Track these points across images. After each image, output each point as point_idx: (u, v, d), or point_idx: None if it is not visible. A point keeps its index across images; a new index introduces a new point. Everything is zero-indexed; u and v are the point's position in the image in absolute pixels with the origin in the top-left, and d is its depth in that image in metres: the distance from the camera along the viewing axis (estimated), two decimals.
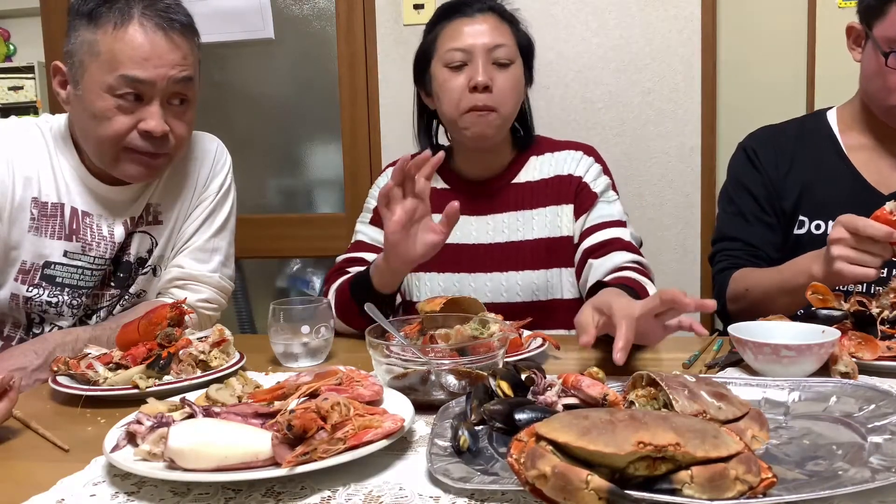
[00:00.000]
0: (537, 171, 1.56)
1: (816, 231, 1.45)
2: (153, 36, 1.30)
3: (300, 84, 2.54)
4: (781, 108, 2.06)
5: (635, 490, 0.63)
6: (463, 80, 1.46)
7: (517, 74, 1.50)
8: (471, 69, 1.45)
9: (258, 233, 2.45)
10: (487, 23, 1.48)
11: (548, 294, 1.52)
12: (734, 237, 1.54)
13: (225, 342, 1.20)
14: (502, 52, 1.47)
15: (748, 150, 1.57)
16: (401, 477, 0.78)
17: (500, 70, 1.47)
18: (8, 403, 0.95)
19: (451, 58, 1.47)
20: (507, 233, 1.54)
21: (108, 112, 1.31)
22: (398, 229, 1.23)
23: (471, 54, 1.46)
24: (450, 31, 1.49)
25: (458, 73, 1.47)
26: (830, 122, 1.53)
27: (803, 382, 0.92)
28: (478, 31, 1.47)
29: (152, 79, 1.30)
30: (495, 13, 1.51)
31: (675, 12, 2.16)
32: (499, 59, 1.47)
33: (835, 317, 1.16)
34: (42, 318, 1.43)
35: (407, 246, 1.25)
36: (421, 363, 0.98)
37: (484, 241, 1.55)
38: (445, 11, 1.53)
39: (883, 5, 1.33)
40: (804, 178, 1.49)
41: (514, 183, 1.56)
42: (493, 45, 1.46)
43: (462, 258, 1.54)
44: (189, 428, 0.78)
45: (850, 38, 1.44)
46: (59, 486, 0.79)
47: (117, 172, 1.38)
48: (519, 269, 1.52)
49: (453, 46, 1.47)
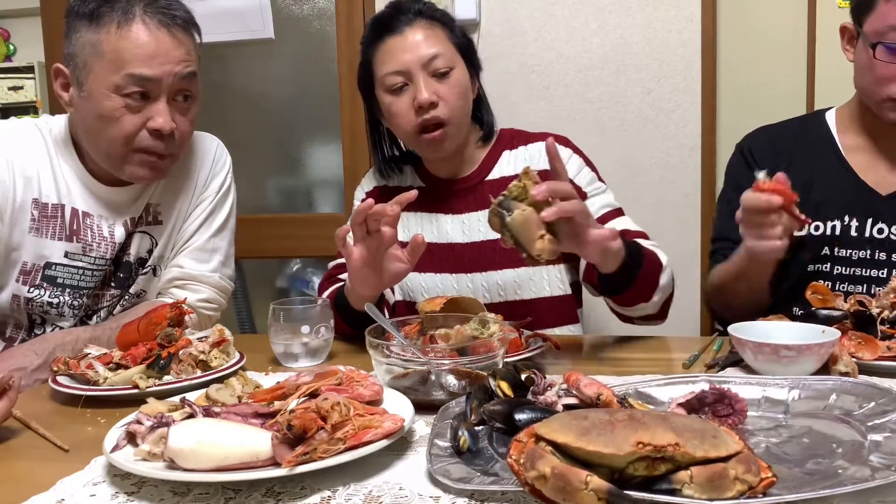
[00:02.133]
0: (511, 167, 1.54)
1: (815, 232, 1.45)
2: (157, 33, 1.31)
3: (300, 84, 2.54)
4: (781, 108, 2.06)
5: (635, 490, 0.63)
6: (407, 101, 1.42)
7: (460, 78, 1.45)
8: (413, 89, 1.42)
9: (258, 233, 2.45)
10: (417, 33, 1.43)
11: (530, 292, 1.50)
12: (729, 237, 1.55)
13: (225, 342, 1.20)
14: (440, 61, 1.42)
15: (745, 151, 1.57)
16: (401, 477, 0.78)
17: (441, 80, 1.42)
18: (8, 403, 0.95)
19: (391, 82, 1.43)
20: (484, 231, 1.51)
21: (115, 112, 1.31)
22: (360, 266, 1.22)
23: (409, 74, 1.41)
24: (383, 54, 1.45)
25: (401, 94, 1.43)
26: (829, 123, 1.53)
27: (803, 381, 0.92)
28: (409, 45, 1.42)
29: (159, 76, 1.30)
30: (423, 18, 1.45)
31: (675, 12, 2.16)
32: (438, 70, 1.42)
33: (835, 317, 1.16)
34: (43, 319, 1.43)
35: (371, 278, 1.24)
36: (421, 363, 0.98)
37: (460, 241, 1.53)
38: (374, 29, 1.48)
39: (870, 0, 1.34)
40: (802, 179, 1.49)
41: (487, 180, 1.54)
42: (428, 57, 1.41)
43: (441, 258, 1.52)
44: (189, 428, 0.78)
45: (844, 38, 1.45)
46: (59, 486, 0.79)
47: (125, 174, 1.38)
48: (498, 269, 1.50)
49: (389, 70, 1.43)
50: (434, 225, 1.54)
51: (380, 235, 1.19)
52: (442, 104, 1.42)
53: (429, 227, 1.54)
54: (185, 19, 1.36)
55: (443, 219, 1.54)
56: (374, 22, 1.49)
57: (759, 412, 0.89)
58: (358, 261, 1.22)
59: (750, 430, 0.84)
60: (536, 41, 2.24)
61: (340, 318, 1.34)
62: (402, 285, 1.55)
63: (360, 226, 1.19)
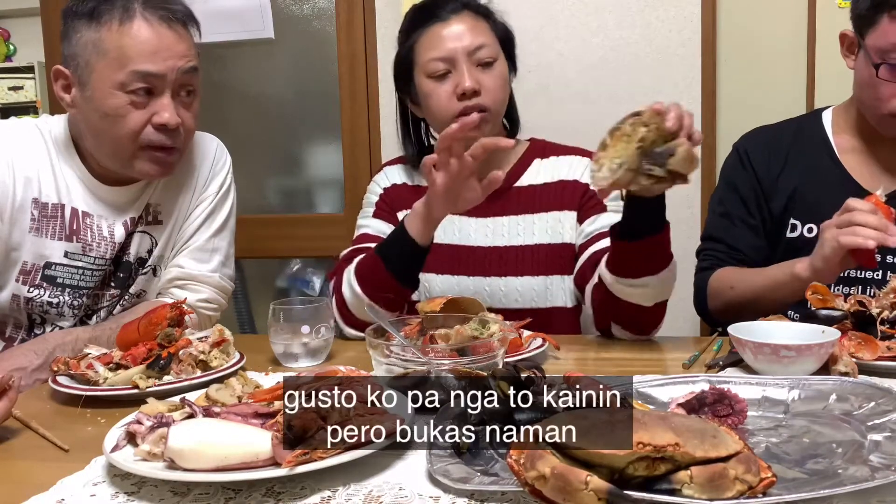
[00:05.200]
0: (541, 175, 1.54)
1: (809, 234, 1.45)
2: (159, 29, 1.31)
3: (300, 84, 2.54)
4: (781, 108, 2.06)
5: (635, 490, 0.63)
6: (449, 88, 1.43)
7: (502, 71, 1.47)
8: (456, 76, 1.42)
9: (258, 233, 2.45)
10: (464, 23, 1.44)
11: (546, 301, 1.48)
12: (718, 238, 1.55)
13: (225, 342, 1.20)
14: (484, 52, 1.43)
15: (740, 151, 1.57)
16: (401, 477, 0.78)
17: (484, 70, 1.43)
18: (8, 403, 0.95)
19: (433, 68, 1.44)
20: (508, 237, 1.51)
21: (120, 109, 1.31)
22: (442, 191, 1.24)
23: (453, 61, 1.42)
24: (427, 40, 1.45)
25: (443, 81, 1.44)
26: (825, 124, 1.52)
27: (803, 381, 0.92)
28: (455, 34, 1.43)
29: (163, 71, 1.31)
30: (469, 10, 1.47)
31: (675, 12, 2.16)
32: (482, 60, 1.43)
33: (835, 317, 1.16)
34: (43, 319, 1.43)
35: (448, 202, 1.27)
36: (421, 363, 0.98)
37: (483, 244, 1.52)
38: (418, 16, 1.49)
39: (874, 15, 1.32)
40: (796, 181, 1.49)
41: (516, 186, 1.54)
42: (473, 46, 1.43)
43: (461, 260, 1.52)
44: (189, 428, 0.78)
45: (844, 45, 1.44)
46: (59, 486, 0.79)
47: (134, 171, 1.38)
48: (518, 275, 1.49)
49: (434, 56, 1.43)
50: (456, 226, 1.53)
51: (463, 161, 1.21)
52: (484, 93, 1.42)
53: (451, 229, 1.52)
54: (185, 14, 1.36)
55: (466, 221, 1.53)
56: (417, 9, 1.51)
57: (759, 412, 0.89)
58: (441, 186, 1.24)
59: (750, 430, 0.84)
60: (536, 41, 2.23)
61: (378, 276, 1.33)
62: (420, 285, 1.54)
63: (446, 151, 1.21)
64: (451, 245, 1.51)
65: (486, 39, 1.45)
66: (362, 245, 1.49)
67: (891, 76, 1.32)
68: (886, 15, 1.30)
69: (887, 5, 1.30)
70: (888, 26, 1.30)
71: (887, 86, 1.33)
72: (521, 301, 1.49)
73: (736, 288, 1.45)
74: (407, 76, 1.51)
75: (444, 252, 1.49)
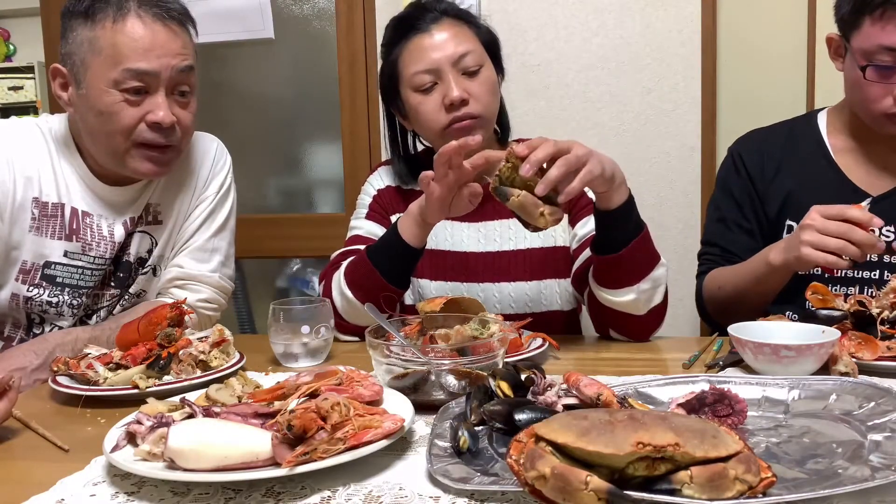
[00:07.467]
0: None
1: None
2: (153, 26, 1.31)
3: (300, 84, 2.54)
4: (781, 107, 2.06)
5: (635, 491, 0.63)
6: (437, 99, 1.40)
7: (490, 76, 1.43)
8: (442, 87, 1.39)
9: (258, 233, 2.45)
10: (446, 31, 1.40)
11: (540, 306, 1.48)
12: (714, 243, 1.56)
13: (225, 342, 1.20)
14: (469, 59, 1.40)
15: (734, 155, 1.58)
16: (401, 477, 0.78)
17: (471, 78, 1.40)
18: (8, 403, 0.95)
19: (419, 81, 1.40)
20: (500, 241, 1.50)
21: (114, 107, 1.31)
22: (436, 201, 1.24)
23: (438, 72, 1.39)
24: (410, 53, 1.42)
25: (430, 93, 1.40)
26: (819, 125, 1.53)
27: (803, 381, 0.92)
28: (438, 43, 1.40)
29: (156, 69, 1.30)
30: (449, 17, 1.43)
31: (675, 12, 2.16)
32: (468, 68, 1.40)
33: (835, 317, 1.16)
34: (42, 319, 1.43)
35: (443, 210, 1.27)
36: (421, 363, 0.98)
37: (475, 250, 1.50)
38: (399, 29, 1.45)
39: (856, 18, 1.33)
40: (791, 183, 1.49)
41: None
42: (458, 55, 1.39)
43: (454, 266, 1.51)
44: (189, 428, 0.78)
45: (831, 48, 1.44)
46: (59, 486, 0.79)
47: (129, 170, 1.38)
48: (511, 280, 1.48)
49: (418, 69, 1.40)
50: (448, 232, 1.52)
51: (461, 170, 1.21)
52: (473, 101, 1.39)
53: (444, 234, 1.52)
54: (181, 12, 1.36)
55: (458, 227, 1.52)
56: (398, 21, 1.47)
57: (759, 412, 0.89)
58: (438, 196, 1.24)
59: (750, 430, 0.84)
60: (536, 41, 2.24)
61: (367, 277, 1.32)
62: (414, 291, 1.53)
63: (444, 165, 1.21)
64: (444, 251, 1.50)
65: (470, 46, 1.41)
66: (352, 247, 1.48)
67: (878, 77, 1.32)
68: (868, 17, 1.31)
69: (868, 7, 1.30)
70: (870, 28, 1.31)
71: (876, 86, 1.33)
72: (515, 307, 1.48)
73: (724, 287, 1.46)
74: (393, 90, 1.48)
75: (438, 258, 1.49)
